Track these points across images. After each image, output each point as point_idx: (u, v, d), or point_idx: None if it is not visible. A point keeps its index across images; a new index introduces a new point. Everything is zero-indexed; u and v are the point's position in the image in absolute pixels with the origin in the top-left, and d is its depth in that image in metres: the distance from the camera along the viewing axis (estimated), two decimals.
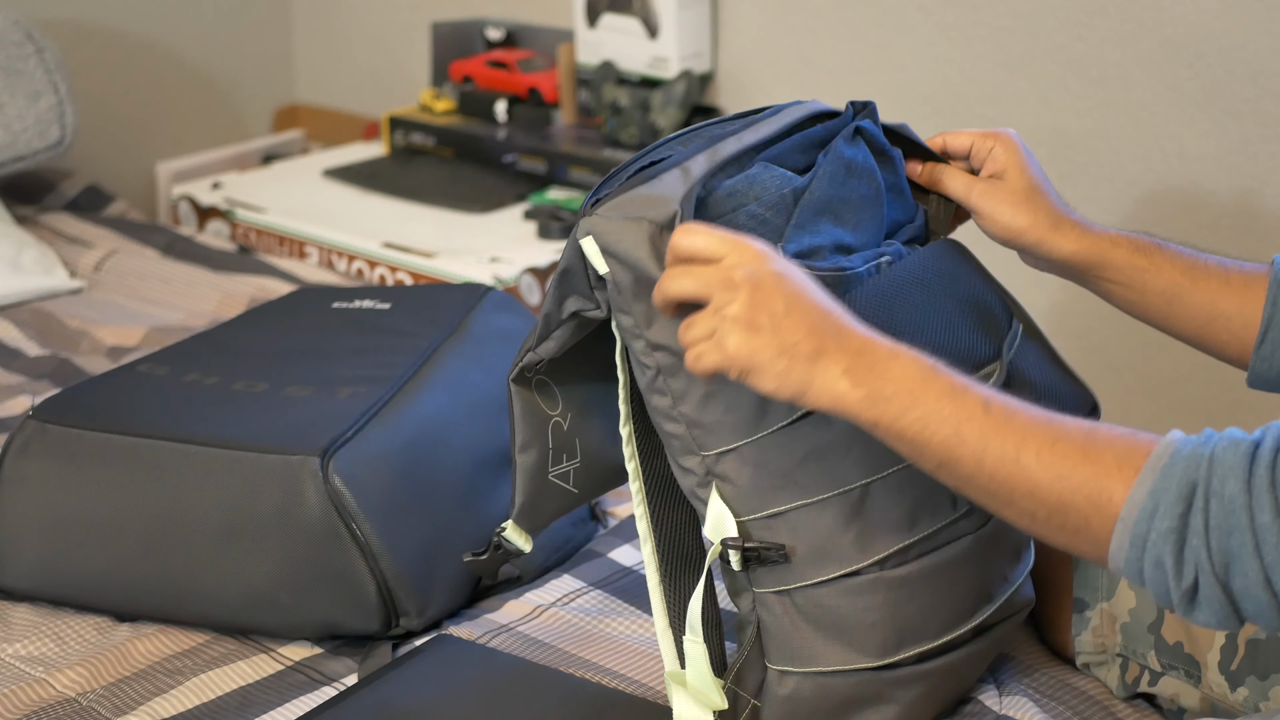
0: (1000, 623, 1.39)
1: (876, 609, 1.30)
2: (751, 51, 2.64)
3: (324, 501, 1.50)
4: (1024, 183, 1.41)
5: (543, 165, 2.68)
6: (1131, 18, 2.26)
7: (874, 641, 1.31)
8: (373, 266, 2.48)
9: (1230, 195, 2.24)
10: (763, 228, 1.29)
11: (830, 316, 1.16)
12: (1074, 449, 1.10)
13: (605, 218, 1.29)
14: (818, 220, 1.31)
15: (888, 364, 1.15)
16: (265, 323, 1.87)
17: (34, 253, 2.45)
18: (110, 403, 1.65)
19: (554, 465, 1.42)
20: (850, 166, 1.34)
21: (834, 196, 1.32)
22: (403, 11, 3.09)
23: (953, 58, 2.43)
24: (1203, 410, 2.27)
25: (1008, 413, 1.13)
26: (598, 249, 1.29)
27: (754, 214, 1.30)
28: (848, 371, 1.14)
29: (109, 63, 3.01)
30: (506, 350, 1.80)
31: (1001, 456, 1.12)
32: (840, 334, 1.15)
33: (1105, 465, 1.09)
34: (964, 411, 1.13)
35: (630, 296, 1.28)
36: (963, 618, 1.35)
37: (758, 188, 1.31)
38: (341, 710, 1.40)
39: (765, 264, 1.17)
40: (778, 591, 1.31)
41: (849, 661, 1.31)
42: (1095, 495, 1.09)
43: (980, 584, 1.36)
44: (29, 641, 1.56)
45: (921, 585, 1.31)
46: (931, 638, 1.33)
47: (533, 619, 1.58)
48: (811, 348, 1.14)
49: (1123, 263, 1.40)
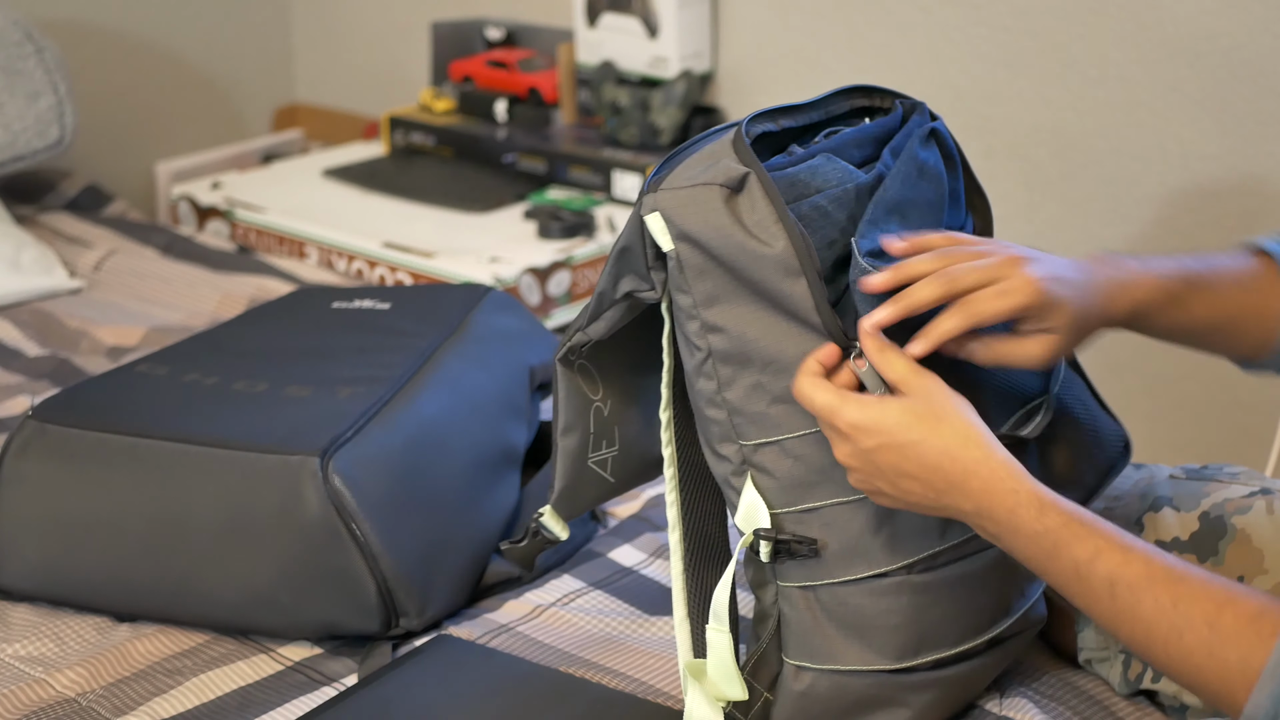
0: (1013, 637, 1.39)
1: (899, 612, 1.30)
2: (751, 51, 2.64)
3: (324, 501, 1.50)
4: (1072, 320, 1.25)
5: (543, 165, 2.68)
6: (1131, 18, 2.26)
7: (893, 644, 1.31)
8: (373, 266, 2.48)
9: (1230, 195, 2.24)
10: (824, 220, 1.27)
11: (943, 478, 1.20)
12: (1200, 645, 1.14)
13: (671, 189, 1.27)
14: (889, 219, 1.29)
15: (1009, 529, 1.19)
16: (265, 323, 1.87)
17: (34, 253, 2.45)
18: (110, 403, 1.65)
19: (593, 451, 1.41)
20: (923, 169, 1.31)
21: (905, 198, 1.30)
22: (403, 11, 3.09)
23: (953, 58, 2.43)
24: (1203, 410, 2.27)
25: (1132, 600, 1.16)
26: (663, 225, 1.27)
27: (817, 205, 1.27)
28: (979, 530, 1.22)
29: (109, 63, 3.01)
30: (506, 350, 1.80)
31: (1130, 639, 1.17)
32: (958, 496, 1.20)
33: (1229, 667, 1.13)
34: (1091, 594, 1.17)
35: (695, 274, 1.27)
36: (981, 628, 1.34)
37: (820, 179, 1.28)
38: (341, 710, 1.40)
39: (861, 440, 1.21)
40: (803, 586, 1.31)
41: (867, 662, 1.31)
42: (1221, 694, 1.14)
43: (1000, 597, 1.36)
44: (29, 641, 1.56)
45: (945, 592, 1.31)
46: (949, 645, 1.33)
47: (533, 619, 1.58)
48: (939, 511, 1.22)
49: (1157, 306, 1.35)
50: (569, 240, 2.48)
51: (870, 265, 1.24)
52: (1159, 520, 1.44)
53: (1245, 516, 1.41)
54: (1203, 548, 1.41)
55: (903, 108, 1.37)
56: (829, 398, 1.21)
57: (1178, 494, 1.46)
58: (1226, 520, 1.41)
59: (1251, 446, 2.17)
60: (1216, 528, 1.41)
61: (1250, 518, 1.41)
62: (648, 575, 1.66)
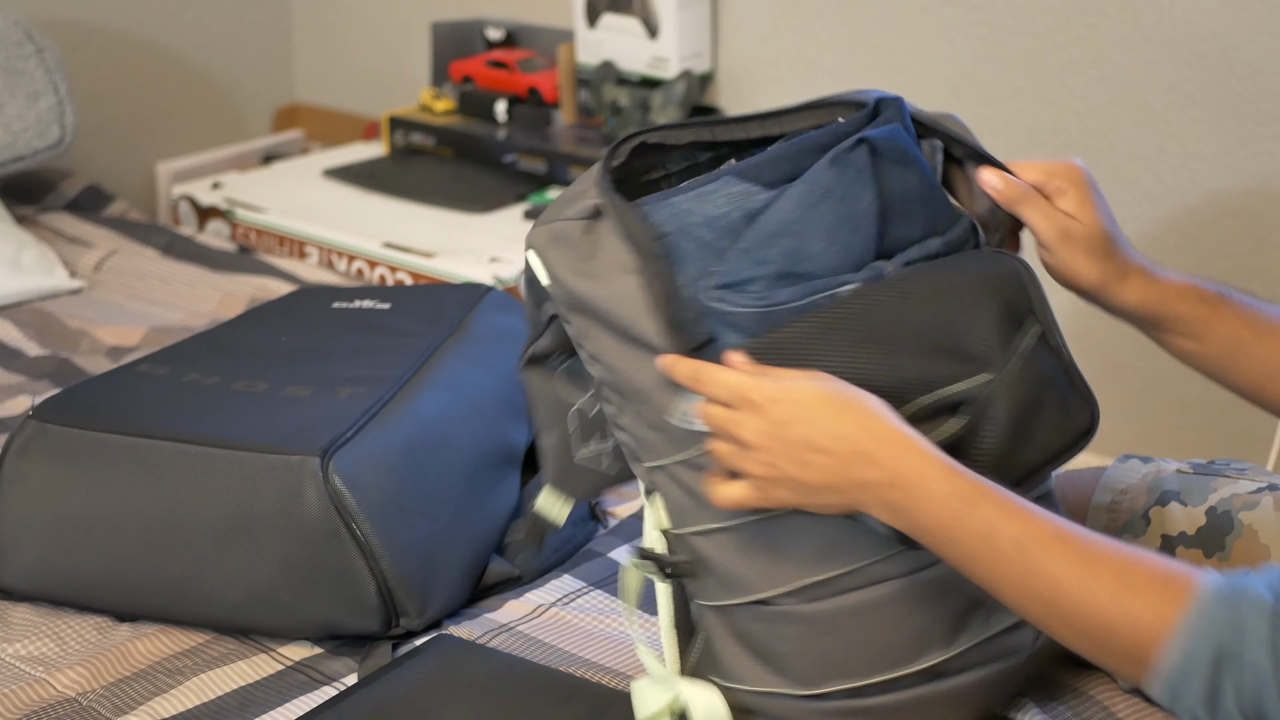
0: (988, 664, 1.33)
1: (790, 640, 1.28)
2: (751, 51, 2.64)
3: (324, 501, 1.50)
4: (1098, 230, 1.34)
5: (543, 165, 2.68)
6: (1131, 18, 2.26)
7: (795, 670, 1.29)
8: (373, 266, 2.48)
9: (1230, 195, 2.24)
10: (701, 250, 1.24)
11: (854, 448, 1.17)
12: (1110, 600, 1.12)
13: (542, 224, 1.29)
14: (769, 245, 1.24)
15: (920, 494, 1.17)
16: (265, 323, 1.87)
17: (34, 253, 2.45)
18: (110, 403, 1.65)
19: (580, 447, 1.40)
20: (830, 189, 1.24)
21: (798, 220, 1.24)
22: (403, 11, 3.09)
23: (953, 58, 2.43)
24: (1203, 410, 2.27)
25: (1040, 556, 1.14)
26: (540, 262, 1.29)
27: (695, 235, 1.24)
28: (885, 506, 1.18)
29: (109, 63, 3.01)
30: (506, 350, 1.80)
31: (1037, 599, 1.15)
32: (868, 466, 1.18)
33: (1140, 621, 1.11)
34: (998, 555, 1.15)
35: (565, 308, 1.28)
36: (903, 659, 1.29)
37: (708, 205, 1.25)
38: (341, 710, 1.40)
39: (773, 411, 1.18)
40: (710, 606, 1.31)
41: (773, 685, 1.30)
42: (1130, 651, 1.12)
43: (923, 627, 1.28)
44: (29, 641, 1.56)
45: (843, 622, 1.27)
46: (862, 675, 1.28)
47: (533, 619, 1.58)
48: (841, 494, 1.19)
49: (1186, 314, 1.36)
50: None
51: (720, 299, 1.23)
52: (1166, 515, 1.44)
53: (1253, 512, 1.41)
54: (1210, 543, 1.41)
55: (880, 107, 1.33)
56: (742, 375, 1.20)
57: (1185, 488, 1.45)
58: (1234, 516, 1.41)
59: (1252, 446, 2.17)
60: (1224, 523, 1.41)
61: (1257, 513, 1.40)
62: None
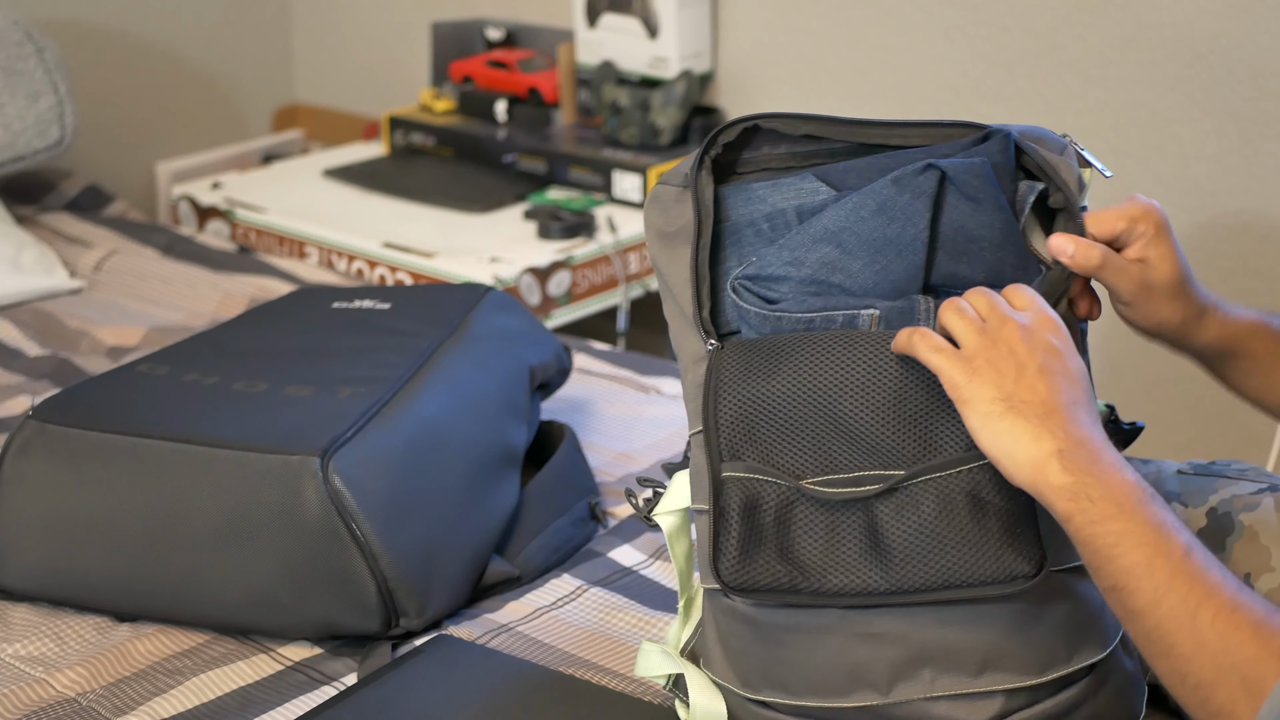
0: None
1: (739, 638, 1.28)
2: (751, 51, 2.64)
3: (324, 501, 1.50)
4: (1178, 275, 1.30)
5: (543, 165, 2.68)
6: (1131, 18, 2.26)
7: (739, 669, 1.29)
8: (373, 266, 2.48)
9: (1230, 195, 2.24)
10: (756, 237, 1.27)
11: (1075, 405, 1.14)
12: (1249, 624, 1.07)
13: (659, 184, 1.33)
14: (809, 249, 1.24)
15: (1106, 469, 1.12)
16: (265, 323, 1.87)
17: (34, 253, 2.45)
18: (110, 403, 1.65)
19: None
20: (884, 206, 1.23)
21: (844, 229, 1.23)
22: (403, 11, 3.09)
23: (953, 58, 2.43)
24: (1203, 410, 2.27)
25: (1204, 566, 1.10)
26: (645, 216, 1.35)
27: (754, 223, 1.27)
28: (1062, 454, 1.12)
29: (109, 63, 3.01)
30: (506, 350, 1.80)
31: (1180, 606, 1.09)
32: (1075, 421, 1.13)
33: (1273, 651, 1.07)
34: (1164, 546, 1.10)
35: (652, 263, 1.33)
36: (836, 690, 1.24)
37: (777, 196, 1.27)
38: (341, 710, 1.40)
39: (1038, 323, 1.16)
40: (705, 588, 1.31)
41: (724, 678, 1.30)
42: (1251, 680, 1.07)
43: (857, 665, 1.23)
44: (29, 641, 1.56)
45: (780, 635, 1.25)
46: (798, 695, 1.26)
47: (533, 619, 1.58)
48: (1036, 413, 1.13)
49: (1257, 350, 1.35)
50: (569, 240, 2.48)
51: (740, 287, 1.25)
52: None
53: (1253, 514, 1.40)
54: (1210, 544, 1.40)
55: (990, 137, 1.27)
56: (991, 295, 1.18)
57: (1185, 490, 1.45)
58: (1234, 517, 1.41)
59: (1252, 446, 2.17)
60: (1224, 524, 1.41)
61: (1258, 515, 1.40)
62: (648, 575, 1.66)
